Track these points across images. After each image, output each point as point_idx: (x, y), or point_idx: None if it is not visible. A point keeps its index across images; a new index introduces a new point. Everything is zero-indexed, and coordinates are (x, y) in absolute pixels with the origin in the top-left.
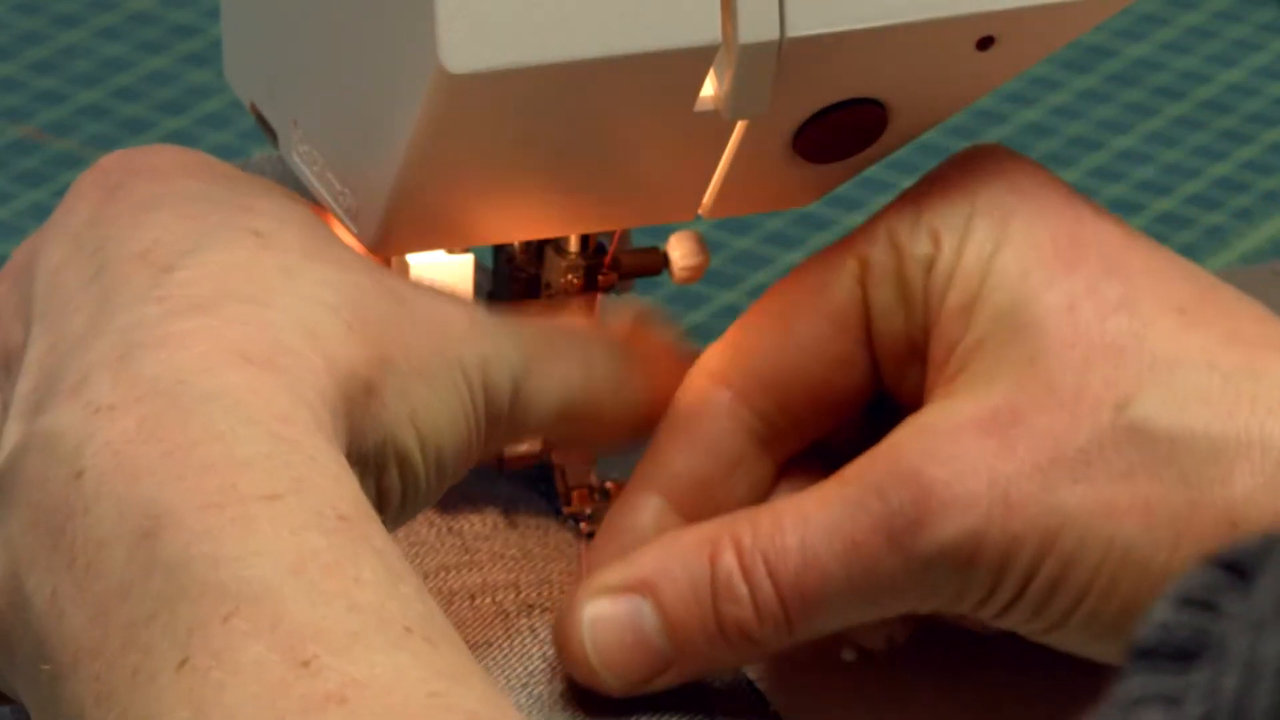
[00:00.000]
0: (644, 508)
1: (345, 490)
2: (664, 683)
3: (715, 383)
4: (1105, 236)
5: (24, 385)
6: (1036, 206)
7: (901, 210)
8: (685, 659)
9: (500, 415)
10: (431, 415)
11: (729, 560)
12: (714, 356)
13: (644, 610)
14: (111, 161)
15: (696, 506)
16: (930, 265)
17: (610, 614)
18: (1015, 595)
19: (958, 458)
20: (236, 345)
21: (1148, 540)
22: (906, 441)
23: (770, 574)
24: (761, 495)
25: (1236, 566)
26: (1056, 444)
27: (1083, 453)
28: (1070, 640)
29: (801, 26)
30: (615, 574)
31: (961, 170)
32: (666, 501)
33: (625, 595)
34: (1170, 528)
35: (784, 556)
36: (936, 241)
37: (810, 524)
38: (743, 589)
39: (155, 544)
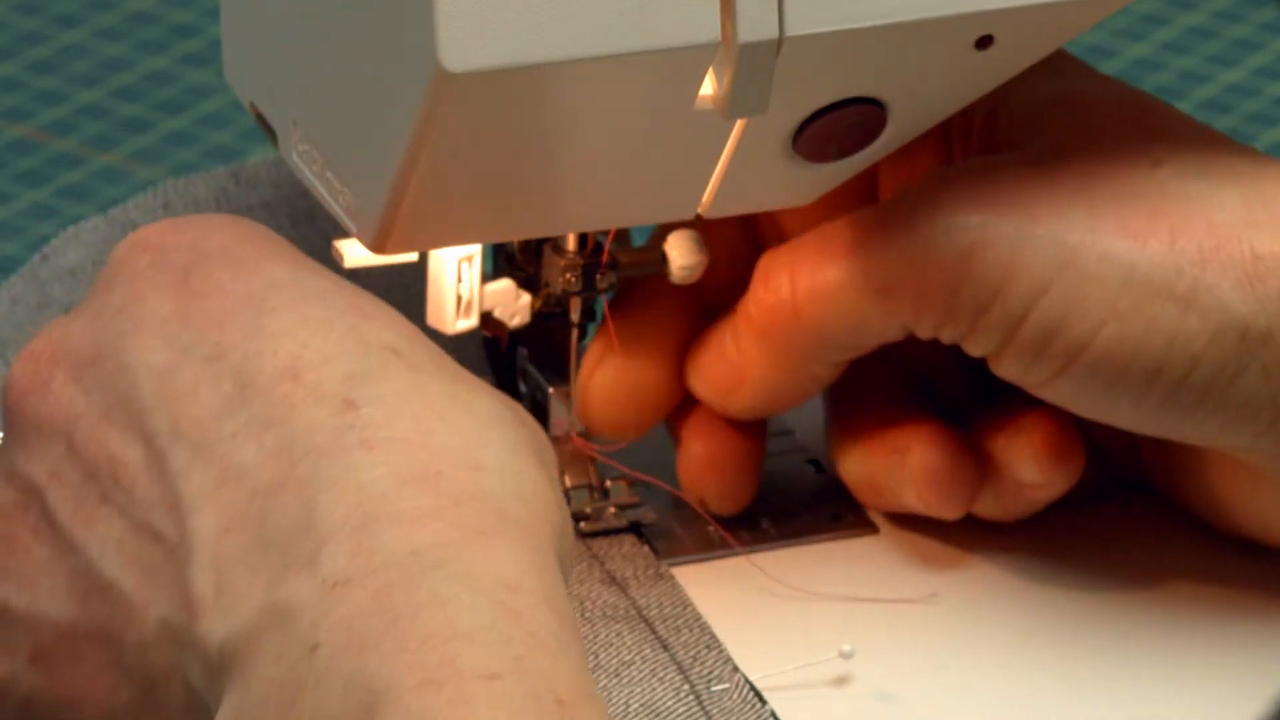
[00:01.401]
0: None
1: (564, 670)
2: (739, 401)
3: None
4: (1135, 90)
5: (205, 524)
6: (1065, 55)
7: None
8: (749, 368)
9: None
10: (569, 563)
11: (766, 255)
12: None
13: (725, 325)
14: (164, 239)
15: None
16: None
17: (704, 334)
18: (1024, 310)
19: (988, 168)
20: (469, 521)
21: (1171, 263)
22: (946, 167)
23: (790, 258)
24: None
25: None
26: (1090, 176)
27: (1115, 190)
28: (1085, 387)
29: (801, 25)
30: None
31: None
32: None
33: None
34: (1196, 253)
35: (809, 240)
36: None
37: (841, 220)
38: (763, 272)
39: (375, 718)
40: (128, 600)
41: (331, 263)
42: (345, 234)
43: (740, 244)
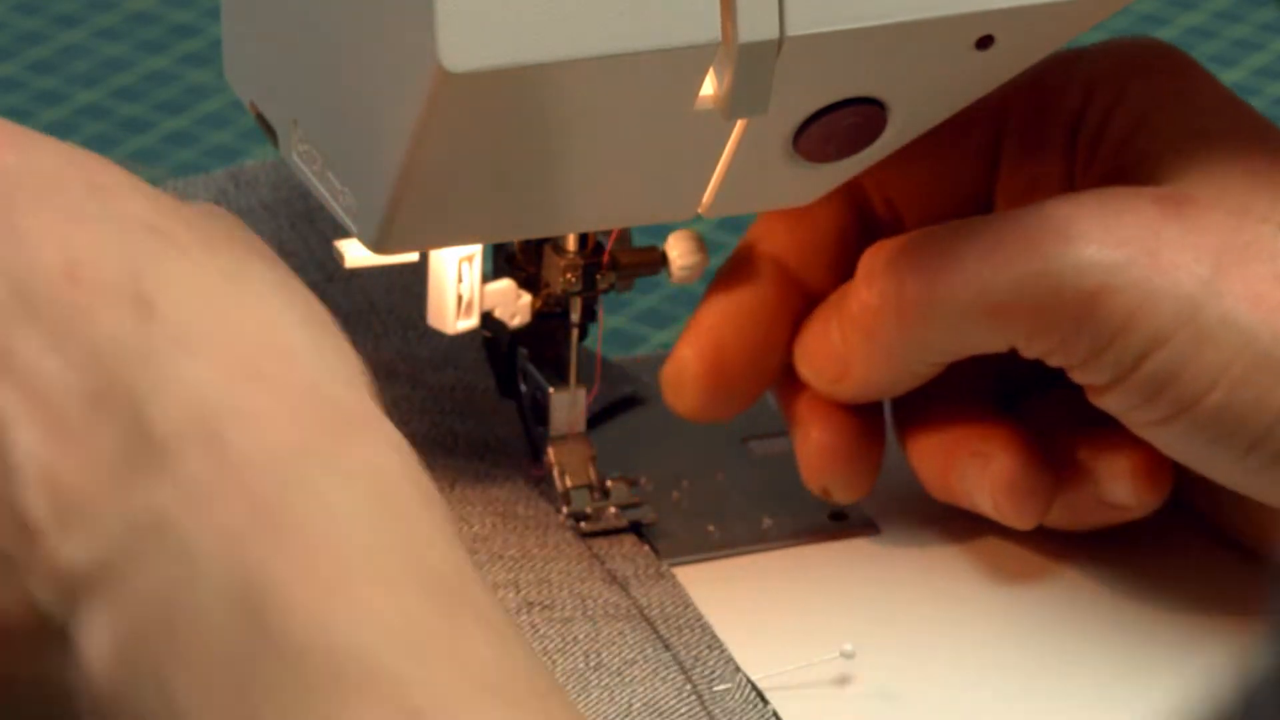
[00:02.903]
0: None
1: (440, 550)
2: (846, 389)
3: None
4: (1267, 124)
5: (23, 441)
6: (1202, 81)
7: (1051, 68)
8: (852, 360)
9: None
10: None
11: (872, 250)
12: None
13: (831, 312)
14: None
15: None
16: (1079, 114)
17: (811, 319)
18: (1139, 358)
19: (1122, 205)
20: (313, 417)
21: None
22: (1076, 193)
23: (898, 262)
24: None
25: None
26: (1219, 232)
27: (1242, 247)
28: (1188, 439)
29: (801, 25)
30: None
31: (1118, 44)
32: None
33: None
34: None
35: (924, 241)
36: (1089, 92)
37: (958, 224)
38: (867, 271)
39: (262, 616)
40: None
41: (332, 263)
42: (345, 234)
43: (842, 222)
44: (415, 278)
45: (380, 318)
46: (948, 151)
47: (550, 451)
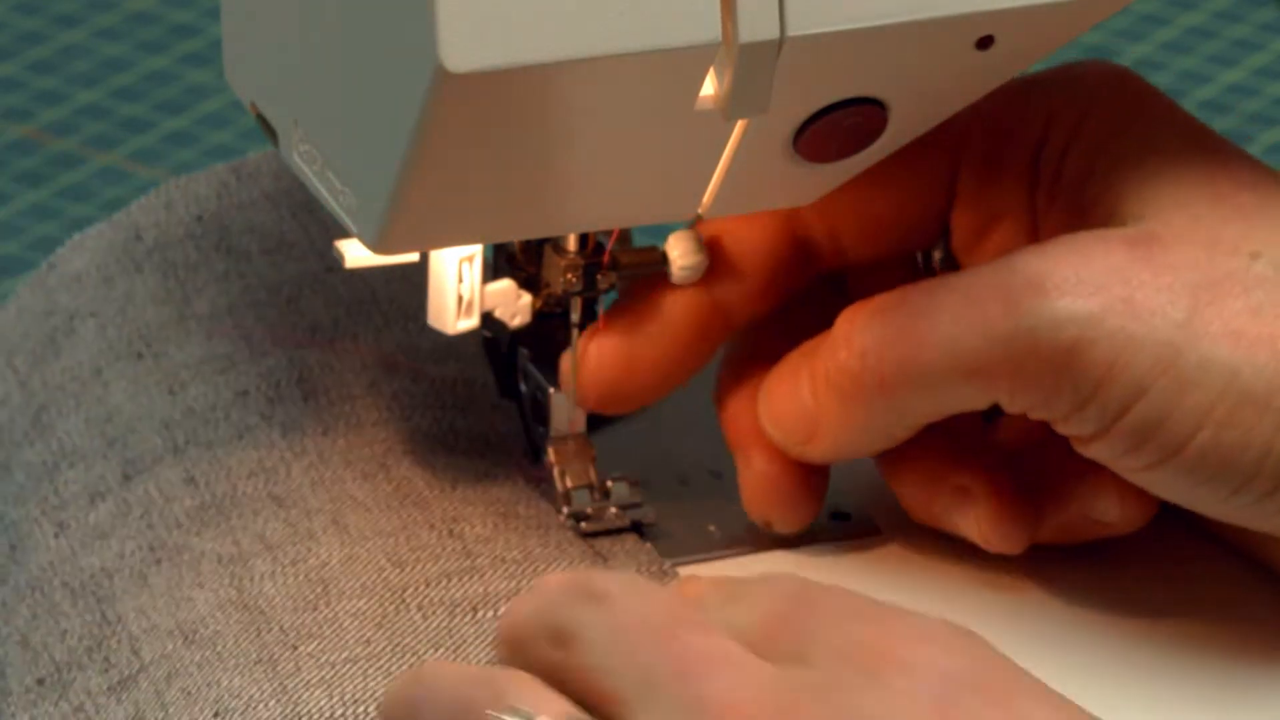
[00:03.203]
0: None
1: None
2: (816, 449)
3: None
4: (1228, 147)
5: None
6: (1161, 107)
7: (1009, 98)
8: (825, 420)
9: None
10: None
11: (849, 311)
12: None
13: (802, 372)
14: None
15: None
16: (1040, 144)
17: (778, 376)
18: (1122, 409)
19: (1093, 252)
20: None
21: (1273, 374)
22: (1046, 242)
23: (875, 327)
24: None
25: None
26: (1193, 269)
27: (1216, 283)
28: (1176, 482)
29: (801, 26)
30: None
31: (1074, 71)
32: None
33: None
34: None
35: (900, 303)
36: (1049, 122)
37: (933, 284)
38: (845, 334)
39: None
40: None
41: (333, 259)
42: (346, 232)
43: (774, 248)
44: (416, 269)
45: (381, 309)
46: (899, 184)
47: (551, 452)
